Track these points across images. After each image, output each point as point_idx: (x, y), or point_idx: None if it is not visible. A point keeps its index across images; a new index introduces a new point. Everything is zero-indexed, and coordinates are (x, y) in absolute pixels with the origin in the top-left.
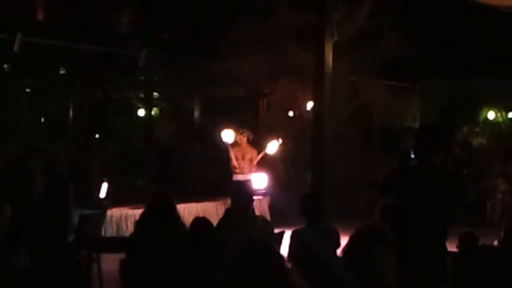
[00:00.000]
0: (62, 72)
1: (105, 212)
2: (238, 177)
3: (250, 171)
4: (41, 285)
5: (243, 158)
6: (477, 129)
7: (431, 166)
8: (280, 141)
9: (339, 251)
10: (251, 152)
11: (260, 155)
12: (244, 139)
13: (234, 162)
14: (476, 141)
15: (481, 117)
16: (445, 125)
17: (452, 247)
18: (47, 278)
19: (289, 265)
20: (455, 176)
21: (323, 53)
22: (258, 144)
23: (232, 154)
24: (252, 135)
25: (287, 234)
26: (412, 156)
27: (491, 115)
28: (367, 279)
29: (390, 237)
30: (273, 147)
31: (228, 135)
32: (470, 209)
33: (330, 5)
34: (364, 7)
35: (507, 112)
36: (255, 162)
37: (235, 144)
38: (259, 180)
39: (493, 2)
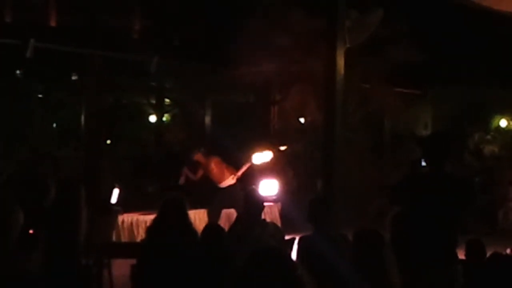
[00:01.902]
0: (74, 77)
1: (116, 217)
2: (219, 186)
3: (227, 177)
4: None
5: (209, 172)
6: (488, 137)
7: (441, 173)
8: (271, 154)
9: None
10: (210, 163)
11: (247, 165)
12: (200, 156)
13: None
14: (488, 149)
15: (493, 125)
16: (456, 133)
17: (461, 255)
18: (59, 283)
19: (301, 271)
20: (464, 182)
21: (334, 60)
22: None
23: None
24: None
25: (297, 240)
26: (423, 163)
27: (503, 123)
28: (375, 282)
29: (386, 242)
30: (260, 158)
31: (261, 157)
32: (481, 217)
33: (342, 11)
34: (376, 14)
35: None
36: (230, 168)
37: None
38: (270, 187)
39: (496, 6)
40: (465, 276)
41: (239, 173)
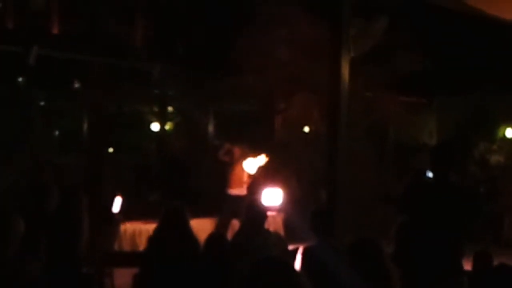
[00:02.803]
0: (76, 85)
1: (118, 226)
2: (233, 192)
3: (242, 185)
4: None
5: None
6: (494, 147)
7: (447, 183)
8: (264, 158)
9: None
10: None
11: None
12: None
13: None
14: (494, 158)
15: (499, 135)
16: (461, 142)
17: (467, 266)
18: None
19: (304, 281)
20: (470, 192)
21: (339, 68)
22: (272, 161)
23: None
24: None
25: (301, 251)
26: (429, 173)
27: (509, 132)
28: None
29: (382, 248)
30: (252, 165)
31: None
32: (487, 227)
33: (346, 20)
34: (380, 23)
35: None
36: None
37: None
38: (274, 196)
39: (501, 14)
40: (470, 287)
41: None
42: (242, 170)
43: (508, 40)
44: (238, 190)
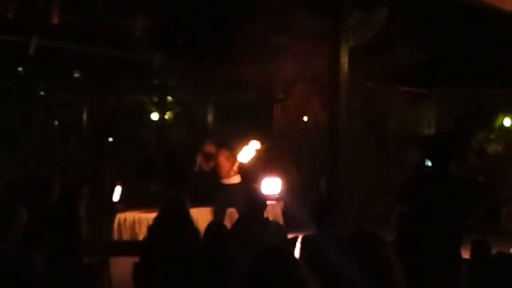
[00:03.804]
0: (76, 75)
1: (114, 216)
2: (227, 181)
3: (235, 174)
4: None
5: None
6: (492, 136)
7: (447, 173)
8: (256, 144)
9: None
10: (219, 155)
11: (236, 164)
12: (209, 148)
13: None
14: (492, 148)
15: (497, 124)
16: (460, 132)
17: (466, 255)
18: (63, 281)
19: (304, 270)
20: (469, 183)
21: (338, 58)
22: (270, 150)
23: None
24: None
25: (300, 240)
26: (428, 163)
27: (507, 122)
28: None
29: (386, 240)
30: (246, 154)
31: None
32: (485, 217)
33: (346, 10)
34: (381, 13)
35: None
36: (234, 168)
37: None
38: (273, 185)
39: (501, 5)
40: (469, 276)
41: (233, 169)
42: (225, 157)
43: (508, 31)
44: (230, 180)
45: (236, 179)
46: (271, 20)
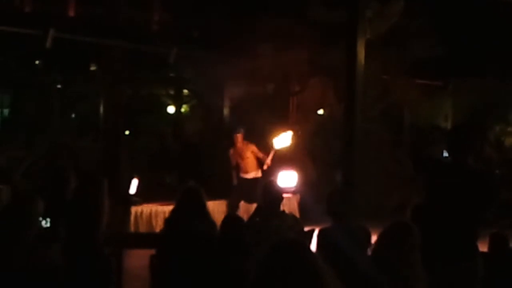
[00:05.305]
0: (93, 68)
1: (130, 208)
2: (244, 176)
3: (256, 169)
4: (73, 281)
5: (242, 158)
6: (509, 129)
7: (465, 166)
8: (291, 134)
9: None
10: (248, 150)
11: (271, 153)
12: (239, 138)
13: (233, 164)
14: (509, 141)
15: None
16: (476, 125)
17: (483, 249)
18: (79, 273)
19: (321, 263)
20: (488, 176)
21: (355, 50)
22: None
23: (230, 157)
24: (243, 132)
25: (317, 233)
26: (445, 153)
27: None
28: (396, 278)
29: (418, 236)
30: (282, 141)
31: (282, 140)
32: (502, 210)
33: (363, 2)
34: (397, 5)
35: None
36: (261, 155)
37: (232, 145)
38: (289, 178)
39: None
40: (486, 268)
41: (268, 160)
42: (253, 152)
43: None
44: (252, 174)
45: (257, 173)
46: (287, 12)
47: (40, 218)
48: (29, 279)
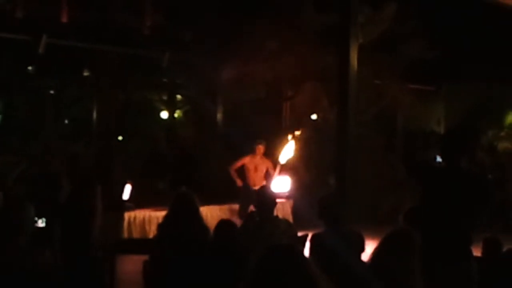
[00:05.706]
0: (86, 73)
1: (124, 213)
2: (250, 187)
3: (261, 183)
4: (66, 281)
5: (256, 170)
6: (502, 133)
7: (457, 169)
8: (293, 144)
9: (364, 256)
10: (264, 164)
11: (278, 168)
12: (261, 150)
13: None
14: (502, 145)
15: (507, 121)
16: (470, 129)
17: (477, 253)
18: (73, 278)
19: (315, 268)
20: (481, 180)
21: (347, 55)
22: (279, 148)
23: (245, 164)
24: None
25: (310, 237)
26: (438, 158)
27: None
28: (395, 285)
29: (419, 244)
30: (286, 154)
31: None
32: (495, 214)
33: (355, 7)
34: (389, 10)
35: None
36: (272, 172)
37: (252, 153)
38: (282, 183)
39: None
40: (480, 273)
41: (275, 175)
42: (269, 169)
43: None
44: (257, 187)
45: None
46: (280, 17)
47: (36, 218)
48: (22, 281)
